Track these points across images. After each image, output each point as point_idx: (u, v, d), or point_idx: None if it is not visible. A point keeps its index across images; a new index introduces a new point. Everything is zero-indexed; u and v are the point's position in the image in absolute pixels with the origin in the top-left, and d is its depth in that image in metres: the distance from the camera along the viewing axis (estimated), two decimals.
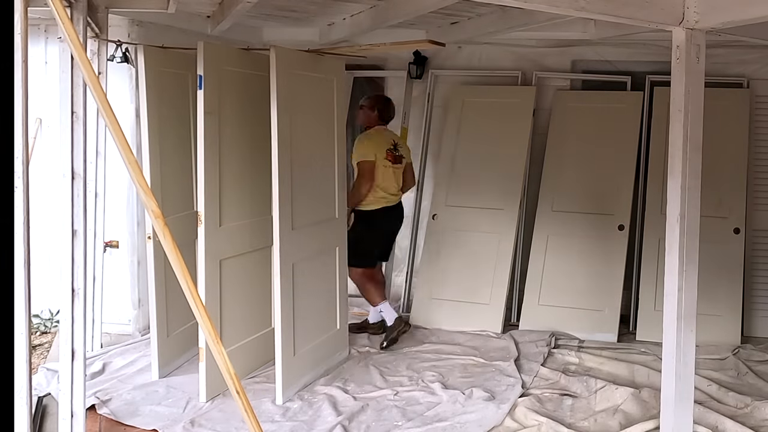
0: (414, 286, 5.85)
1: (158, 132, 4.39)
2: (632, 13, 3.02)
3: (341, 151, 4.72)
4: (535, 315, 5.43)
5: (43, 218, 4.72)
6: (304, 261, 4.29)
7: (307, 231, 4.32)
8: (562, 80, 5.93)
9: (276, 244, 4.03)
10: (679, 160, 3.17)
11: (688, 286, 3.21)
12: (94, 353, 4.66)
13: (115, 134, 2.47)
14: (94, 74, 2.53)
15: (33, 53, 4.45)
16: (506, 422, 3.87)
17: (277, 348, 4.04)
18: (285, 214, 4.06)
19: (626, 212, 5.42)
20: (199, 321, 2.51)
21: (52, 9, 2.45)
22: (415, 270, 5.94)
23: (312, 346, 4.38)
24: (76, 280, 3.14)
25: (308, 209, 4.32)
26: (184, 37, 4.81)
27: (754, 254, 5.50)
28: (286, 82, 4.04)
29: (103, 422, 3.83)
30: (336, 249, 4.71)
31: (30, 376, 2.88)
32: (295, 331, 4.18)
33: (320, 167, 4.50)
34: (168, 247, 2.47)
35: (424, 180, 6.05)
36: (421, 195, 6.04)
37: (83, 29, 3.41)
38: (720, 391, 4.21)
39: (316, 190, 4.46)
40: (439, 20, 5.17)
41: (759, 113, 5.50)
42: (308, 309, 4.32)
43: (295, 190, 4.15)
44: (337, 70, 4.67)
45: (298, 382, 4.23)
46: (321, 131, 4.52)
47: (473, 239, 5.60)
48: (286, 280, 4.09)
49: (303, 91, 4.25)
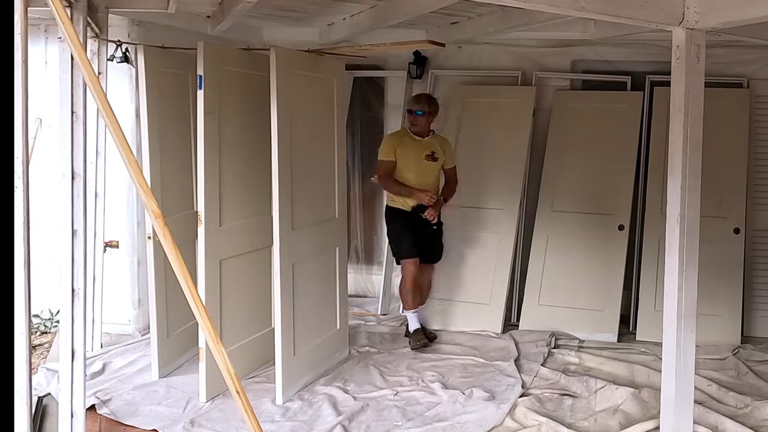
0: None
1: (158, 132, 4.39)
2: (632, 13, 3.02)
3: (341, 151, 4.72)
4: (535, 315, 5.43)
5: (43, 218, 4.72)
6: (304, 261, 4.29)
7: (307, 231, 4.32)
8: (562, 80, 5.93)
9: (276, 244, 4.03)
10: (679, 160, 3.17)
11: (688, 286, 3.21)
12: (94, 353, 4.66)
13: (115, 134, 2.47)
14: (94, 74, 2.53)
15: (33, 53, 4.45)
16: (506, 422, 3.87)
17: (277, 348, 4.04)
18: (285, 214, 4.06)
19: (626, 212, 5.42)
20: (199, 321, 2.51)
21: (52, 9, 2.45)
22: None
23: (312, 346, 4.38)
24: (76, 280, 3.14)
25: (308, 209, 4.32)
26: (184, 37, 4.81)
27: (754, 254, 5.50)
28: (286, 82, 4.04)
29: (103, 422, 3.83)
30: (336, 249, 4.71)
31: (30, 376, 2.87)
32: (295, 331, 4.17)
33: (320, 167, 4.50)
34: (168, 247, 2.47)
35: None
36: None
37: (83, 29, 3.40)
38: (720, 391, 4.20)
39: (316, 190, 4.46)
40: (439, 20, 5.17)
41: (759, 113, 5.50)
42: (308, 309, 4.32)
43: (295, 190, 4.15)
44: (337, 70, 4.67)
45: (298, 382, 4.23)
46: (321, 131, 4.52)
47: (473, 239, 5.60)
48: (286, 280, 4.08)
49: (303, 91, 4.25)
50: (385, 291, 5.94)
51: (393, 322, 5.61)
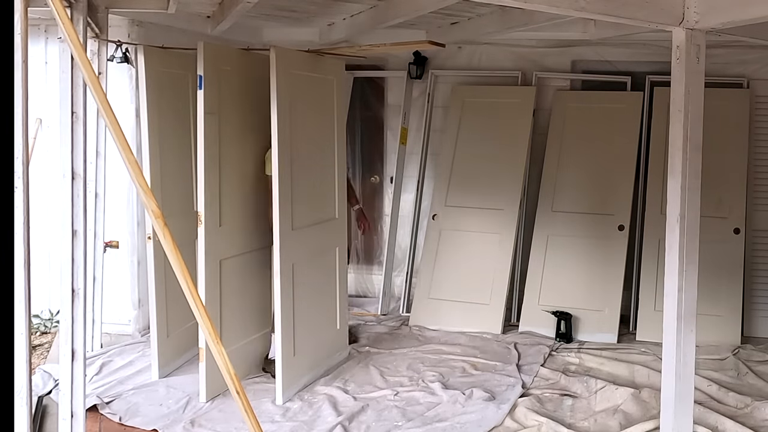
0: (414, 286, 5.85)
1: (158, 132, 4.39)
2: (632, 13, 3.02)
3: (341, 151, 4.72)
4: (535, 315, 5.43)
5: (43, 218, 4.73)
6: (304, 261, 4.29)
7: (307, 231, 4.32)
8: (562, 80, 5.93)
9: (276, 244, 4.03)
10: (679, 160, 3.17)
11: (688, 286, 3.21)
12: (94, 353, 4.66)
13: (115, 134, 2.47)
14: (94, 74, 2.53)
15: (33, 53, 4.45)
16: (506, 422, 3.87)
17: (277, 348, 4.04)
18: (285, 214, 4.06)
19: (626, 212, 5.42)
20: (199, 321, 2.51)
21: (52, 9, 2.45)
22: (415, 270, 5.95)
23: (312, 346, 4.38)
24: (76, 281, 3.14)
25: (308, 209, 4.32)
26: (184, 38, 4.81)
27: (754, 254, 5.50)
28: (286, 82, 4.04)
29: (103, 422, 3.83)
30: (336, 249, 4.71)
31: (30, 377, 2.88)
32: (295, 331, 4.17)
33: (320, 167, 4.50)
34: (168, 247, 2.47)
35: (425, 180, 6.05)
36: (421, 195, 6.04)
37: (83, 29, 3.41)
38: (720, 392, 4.20)
39: (316, 190, 4.46)
40: (439, 20, 5.18)
41: (759, 113, 5.50)
42: (308, 309, 4.32)
43: (295, 190, 4.15)
44: (337, 71, 4.67)
45: (298, 383, 4.23)
46: (321, 131, 4.52)
47: (473, 239, 5.60)
48: (286, 280, 4.08)
49: (303, 91, 4.25)
50: (385, 291, 5.94)
51: (393, 322, 5.61)
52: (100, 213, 4.74)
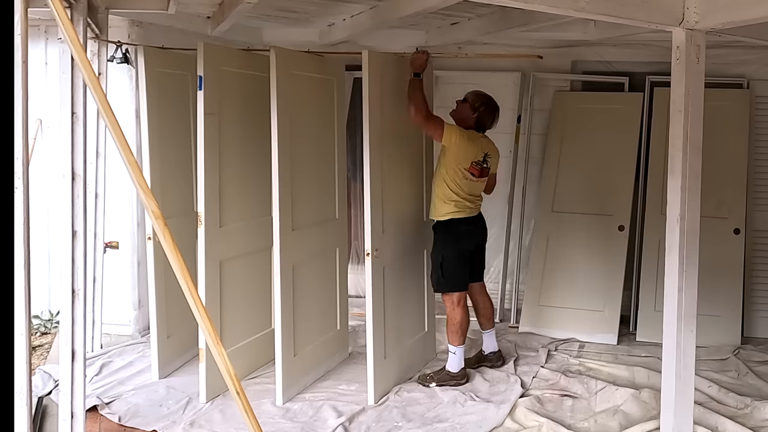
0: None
1: (158, 132, 4.39)
2: (632, 14, 3.02)
3: (341, 151, 4.72)
4: (535, 315, 5.43)
5: (43, 218, 4.73)
6: (304, 262, 4.29)
7: (308, 232, 4.32)
8: (562, 81, 5.93)
9: (276, 244, 4.03)
10: (679, 161, 3.17)
11: (688, 287, 3.21)
12: (94, 354, 4.66)
13: (115, 135, 2.47)
14: (94, 75, 2.53)
15: (33, 54, 4.45)
16: (506, 423, 3.87)
17: (278, 349, 4.04)
18: (285, 215, 4.06)
19: (626, 212, 5.42)
20: (199, 322, 2.51)
21: (52, 9, 2.45)
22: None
23: (312, 346, 4.37)
24: (76, 281, 3.14)
25: (308, 210, 4.32)
26: (184, 38, 4.81)
27: (754, 254, 5.50)
28: (286, 82, 4.04)
29: (103, 423, 3.83)
30: (336, 249, 4.71)
31: (30, 377, 2.88)
32: (296, 331, 4.17)
33: (320, 167, 4.49)
34: (168, 248, 2.47)
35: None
36: None
37: (83, 30, 3.40)
38: (720, 392, 4.20)
39: (316, 190, 4.46)
40: (439, 21, 5.18)
41: (759, 113, 5.50)
42: (308, 310, 4.32)
43: (295, 191, 4.15)
44: (337, 71, 4.67)
45: (299, 383, 4.23)
46: (321, 132, 4.52)
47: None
48: (287, 280, 4.08)
49: (303, 91, 4.25)
50: None
51: None
52: (100, 213, 4.74)
